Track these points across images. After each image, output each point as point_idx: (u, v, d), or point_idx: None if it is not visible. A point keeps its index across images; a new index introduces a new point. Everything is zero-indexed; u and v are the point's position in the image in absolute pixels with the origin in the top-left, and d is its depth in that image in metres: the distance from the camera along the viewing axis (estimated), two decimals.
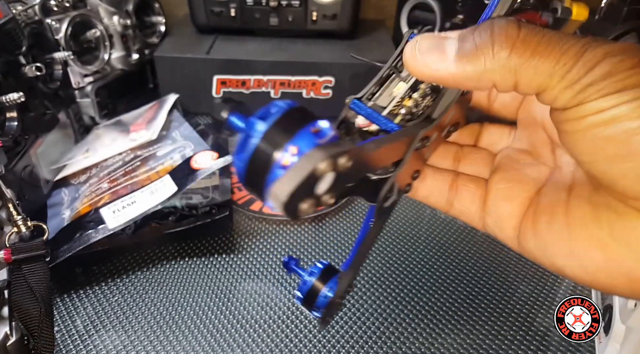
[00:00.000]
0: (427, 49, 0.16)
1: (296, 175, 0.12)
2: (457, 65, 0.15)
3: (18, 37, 0.39)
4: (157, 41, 0.64)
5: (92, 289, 0.37)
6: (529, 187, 0.20)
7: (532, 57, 0.14)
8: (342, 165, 0.13)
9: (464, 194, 0.22)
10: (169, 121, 0.51)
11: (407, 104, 0.19)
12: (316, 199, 0.13)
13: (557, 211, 0.18)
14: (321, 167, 0.13)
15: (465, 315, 0.35)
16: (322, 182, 0.13)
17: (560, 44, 0.14)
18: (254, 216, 0.44)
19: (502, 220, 0.20)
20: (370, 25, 0.72)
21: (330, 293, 0.22)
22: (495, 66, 0.15)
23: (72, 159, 0.47)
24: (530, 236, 0.19)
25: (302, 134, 0.14)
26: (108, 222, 0.36)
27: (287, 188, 0.12)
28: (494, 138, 0.23)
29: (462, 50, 0.15)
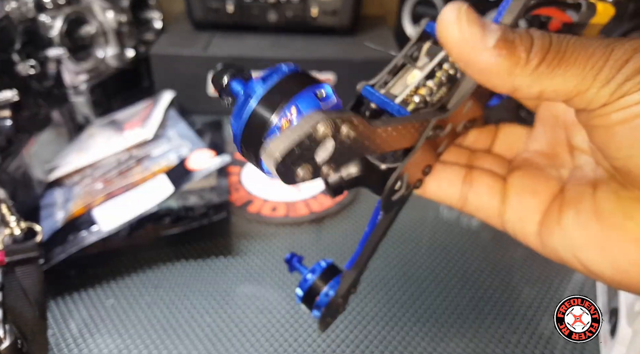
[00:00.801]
0: (473, 23, 0.15)
1: (293, 134, 0.12)
2: (491, 58, 0.15)
3: (11, 35, 0.38)
4: (152, 38, 0.63)
5: (87, 292, 0.36)
6: (552, 183, 0.20)
7: (560, 65, 0.14)
8: (344, 134, 0.13)
9: (481, 188, 0.21)
10: (165, 119, 0.50)
11: (421, 92, 0.18)
12: (315, 167, 0.13)
13: (584, 204, 0.18)
14: (321, 130, 0.12)
15: (468, 318, 0.34)
16: (322, 150, 0.13)
17: (584, 48, 0.14)
18: (252, 217, 0.44)
19: (526, 214, 0.19)
20: (371, 21, 0.72)
21: (331, 291, 0.21)
22: (524, 73, 0.15)
23: (65, 159, 0.46)
24: (556, 230, 0.18)
25: (303, 96, 0.13)
26: (102, 224, 0.36)
27: (282, 146, 0.12)
28: (511, 139, 0.23)
29: (501, 42, 0.15)
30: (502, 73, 0.15)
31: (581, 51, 0.14)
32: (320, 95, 0.14)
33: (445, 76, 0.19)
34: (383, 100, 0.18)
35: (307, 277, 0.22)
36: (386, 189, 0.17)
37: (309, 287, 0.22)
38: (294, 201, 0.46)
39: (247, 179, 0.49)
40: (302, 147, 0.12)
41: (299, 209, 0.45)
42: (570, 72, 0.14)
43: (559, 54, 0.14)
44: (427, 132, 0.17)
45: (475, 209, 0.21)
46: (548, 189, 0.20)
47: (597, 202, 0.17)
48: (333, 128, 0.12)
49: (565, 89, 0.15)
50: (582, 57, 0.14)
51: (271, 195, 0.46)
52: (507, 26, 0.15)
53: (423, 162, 0.19)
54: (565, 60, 0.14)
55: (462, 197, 0.21)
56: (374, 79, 0.19)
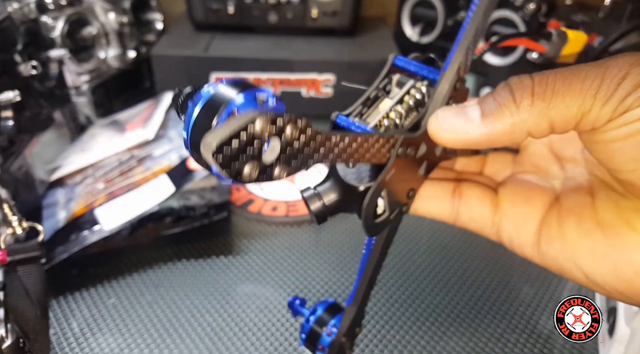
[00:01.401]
0: (451, 117, 0.17)
1: (228, 126, 0.12)
2: (485, 125, 0.16)
3: (13, 36, 0.38)
4: (154, 39, 0.63)
5: (88, 291, 0.36)
6: (546, 192, 0.20)
7: (556, 95, 0.15)
8: (288, 134, 0.13)
9: (471, 199, 0.21)
10: (166, 120, 0.50)
11: (391, 116, 0.19)
12: (263, 166, 0.13)
13: (584, 212, 0.18)
14: (258, 125, 0.12)
15: (467, 317, 0.35)
16: (270, 150, 0.13)
17: (575, 74, 0.15)
18: (253, 217, 0.44)
19: (521, 223, 0.19)
20: (370, 22, 0.72)
21: (334, 330, 0.20)
22: (523, 115, 0.15)
23: (67, 159, 0.46)
24: (556, 239, 0.18)
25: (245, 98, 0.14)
26: (104, 223, 0.36)
27: (218, 136, 0.12)
28: (497, 165, 0.23)
29: (485, 110, 0.16)
30: (506, 130, 0.16)
31: (573, 77, 0.15)
32: (260, 99, 0.14)
33: (413, 101, 0.19)
34: (355, 125, 0.18)
35: (309, 319, 0.22)
36: (363, 208, 0.17)
37: (310, 329, 0.21)
38: (294, 201, 0.46)
39: None
40: (242, 142, 0.12)
41: (299, 208, 0.45)
42: (568, 97, 0.15)
43: (549, 86, 0.15)
44: (397, 150, 0.17)
45: (468, 221, 0.21)
46: (542, 197, 0.19)
47: (597, 212, 0.17)
48: (271, 124, 0.13)
49: (571, 114, 0.15)
50: (575, 82, 0.15)
51: (272, 195, 0.47)
52: (484, 95, 0.16)
53: (405, 185, 0.19)
54: (558, 89, 0.15)
55: (454, 211, 0.21)
56: (348, 109, 0.19)
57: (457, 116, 0.17)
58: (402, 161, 0.18)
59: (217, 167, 0.12)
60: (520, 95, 0.15)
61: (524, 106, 0.15)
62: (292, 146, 0.13)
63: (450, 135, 0.17)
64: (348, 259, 0.40)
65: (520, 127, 0.15)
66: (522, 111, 0.15)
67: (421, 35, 0.65)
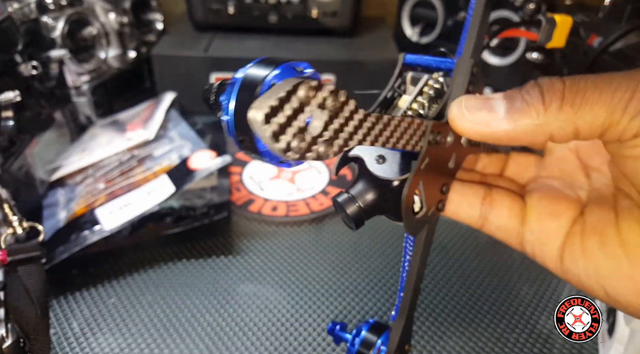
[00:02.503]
0: (475, 108, 0.16)
1: (273, 92, 0.12)
2: (510, 121, 0.16)
3: (14, 36, 0.38)
4: (154, 39, 0.63)
5: (89, 291, 0.36)
6: (573, 206, 0.19)
7: (585, 102, 0.15)
8: (330, 106, 0.13)
9: (501, 209, 0.20)
10: (167, 120, 0.50)
11: (413, 107, 0.18)
12: (310, 141, 0.12)
13: (608, 231, 0.17)
14: (301, 92, 0.12)
15: (467, 317, 0.35)
16: (313, 123, 0.12)
17: (607, 83, 0.15)
18: (253, 217, 0.44)
19: (546, 237, 0.19)
20: (370, 22, 0.72)
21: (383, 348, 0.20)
22: (550, 118, 0.15)
23: (68, 159, 0.46)
24: (579, 257, 0.18)
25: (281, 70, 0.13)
26: (104, 223, 0.36)
27: (265, 102, 0.11)
28: (521, 167, 0.23)
29: (512, 107, 0.16)
30: (529, 130, 0.15)
31: (604, 86, 0.15)
32: (299, 69, 0.14)
33: (433, 91, 0.19)
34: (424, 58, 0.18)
35: (352, 341, 0.21)
36: (403, 199, 0.16)
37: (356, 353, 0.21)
38: (294, 201, 0.46)
39: (248, 179, 0.49)
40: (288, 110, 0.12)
41: (300, 208, 0.45)
42: (597, 106, 0.15)
43: (579, 93, 0.15)
44: (427, 136, 0.17)
45: (495, 229, 0.20)
46: (568, 212, 0.19)
47: (621, 232, 0.17)
48: (314, 91, 0.12)
49: (597, 123, 0.15)
50: (606, 92, 0.15)
51: (272, 195, 0.47)
52: (511, 90, 0.16)
53: (438, 178, 0.18)
54: (588, 97, 0.15)
55: (482, 218, 0.20)
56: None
57: (482, 107, 0.16)
58: (434, 150, 0.17)
59: (269, 137, 0.12)
60: (550, 97, 0.15)
61: (552, 109, 0.15)
62: (336, 118, 0.13)
63: (470, 125, 0.16)
64: (348, 259, 0.40)
65: (544, 129, 0.15)
66: (549, 114, 0.15)
67: (421, 35, 0.65)
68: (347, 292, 0.37)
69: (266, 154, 0.13)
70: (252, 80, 0.14)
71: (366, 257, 0.40)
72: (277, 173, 0.50)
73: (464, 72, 0.17)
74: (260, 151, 0.14)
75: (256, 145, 0.14)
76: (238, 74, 0.14)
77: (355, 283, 0.37)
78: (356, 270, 0.39)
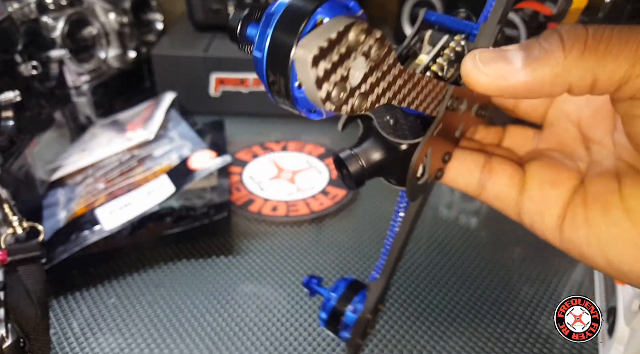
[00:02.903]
0: (490, 60, 0.15)
1: (322, 32, 0.10)
2: (527, 71, 0.15)
3: (14, 36, 0.38)
4: (154, 39, 0.64)
5: (89, 291, 0.36)
6: (572, 174, 0.19)
7: (609, 51, 0.14)
8: (374, 55, 0.11)
9: (500, 177, 0.20)
10: (167, 120, 0.50)
11: (433, 69, 0.18)
12: (349, 91, 0.11)
13: (611, 199, 0.17)
14: (351, 35, 0.11)
15: (467, 317, 0.35)
16: (354, 68, 0.11)
17: (633, 34, 0.14)
18: (253, 217, 0.44)
19: (546, 206, 0.19)
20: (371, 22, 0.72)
21: (359, 306, 0.19)
22: (570, 66, 0.14)
23: (68, 159, 0.46)
24: (581, 225, 0.18)
25: (328, 5, 0.12)
26: (104, 223, 0.36)
27: (316, 41, 0.10)
28: (518, 139, 0.22)
29: (530, 57, 0.15)
30: (547, 79, 0.15)
31: (630, 36, 0.14)
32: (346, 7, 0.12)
33: (453, 53, 0.18)
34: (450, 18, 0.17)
35: (330, 296, 0.20)
36: (412, 166, 0.16)
37: (333, 307, 0.20)
38: (294, 201, 0.46)
39: (248, 179, 0.49)
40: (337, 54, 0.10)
41: (300, 208, 0.45)
42: (621, 56, 0.14)
43: (604, 41, 0.14)
44: (446, 101, 0.16)
45: (492, 198, 0.20)
46: (569, 181, 0.19)
47: (624, 199, 0.17)
48: (366, 36, 0.11)
49: (618, 74, 0.14)
50: (632, 42, 0.14)
51: (272, 195, 0.47)
52: (528, 40, 0.15)
53: (442, 146, 0.18)
54: (614, 45, 0.14)
55: (480, 186, 0.20)
56: None
57: (497, 58, 0.15)
58: (448, 116, 0.17)
59: (312, 82, 0.10)
60: (571, 44, 0.14)
61: (572, 56, 0.14)
62: (376, 70, 0.12)
63: (486, 78, 0.15)
64: (348, 259, 0.40)
65: (563, 79, 0.15)
66: (569, 61, 0.14)
67: None
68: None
69: (300, 100, 0.12)
70: (295, 12, 0.12)
71: (366, 257, 0.40)
72: (277, 173, 0.50)
73: (489, 38, 0.17)
74: (294, 97, 0.12)
75: (290, 89, 0.12)
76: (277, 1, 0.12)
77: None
78: (356, 270, 0.39)
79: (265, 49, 0.12)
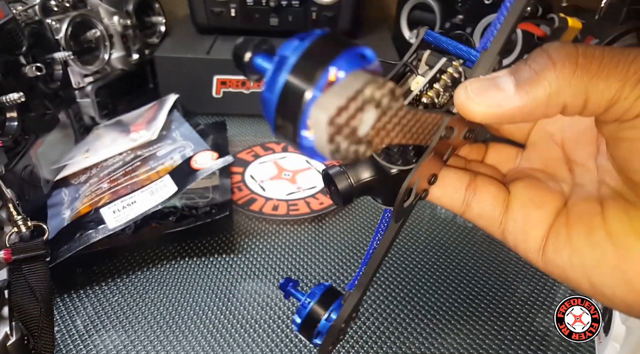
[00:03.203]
0: (482, 89, 0.15)
1: (340, 91, 0.10)
2: (521, 95, 0.15)
3: (18, 37, 0.39)
4: (157, 41, 0.64)
5: (92, 289, 0.37)
6: (556, 196, 0.19)
7: (600, 71, 0.14)
8: (385, 103, 0.11)
9: (484, 196, 0.20)
10: (169, 121, 0.51)
11: (429, 94, 0.18)
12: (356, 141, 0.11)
13: (594, 221, 0.17)
14: (369, 90, 0.11)
15: (465, 315, 0.35)
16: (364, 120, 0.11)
17: (624, 55, 0.14)
18: (254, 216, 0.44)
19: (529, 228, 0.19)
20: (370, 25, 0.72)
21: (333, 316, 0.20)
22: (562, 86, 0.14)
23: (72, 159, 0.47)
24: (564, 247, 0.17)
25: (345, 56, 0.11)
26: (108, 222, 0.36)
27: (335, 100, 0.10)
28: (501, 156, 0.22)
29: (521, 80, 0.15)
30: (542, 101, 0.14)
31: (621, 57, 0.14)
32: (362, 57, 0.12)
33: (450, 79, 0.18)
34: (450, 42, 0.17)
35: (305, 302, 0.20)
36: (401, 192, 0.16)
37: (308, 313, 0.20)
38: (295, 200, 0.46)
39: (249, 178, 0.49)
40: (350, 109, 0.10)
41: (300, 207, 0.45)
42: (612, 76, 0.14)
43: (595, 60, 0.14)
44: (440, 132, 0.16)
45: (476, 216, 0.20)
46: (553, 202, 0.19)
47: (607, 222, 0.17)
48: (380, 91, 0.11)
49: (608, 95, 0.14)
50: (622, 63, 0.14)
51: (273, 194, 0.47)
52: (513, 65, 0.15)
53: (430, 169, 0.18)
54: (605, 64, 0.14)
55: (465, 203, 0.20)
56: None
57: (489, 87, 0.15)
58: (440, 143, 0.17)
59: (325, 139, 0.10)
60: (562, 62, 0.14)
61: (565, 75, 0.14)
62: (385, 116, 0.12)
63: (481, 108, 0.15)
64: (348, 258, 0.40)
65: (557, 99, 0.14)
66: (561, 80, 0.14)
67: None
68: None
69: (305, 147, 0.11)
70: (313, 61, 0.11)
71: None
72: (277, 173, 0.51)
73: (487, 67, 0.17)
74: (300, 143, 0.12)
75: (297, 135, 0.12)
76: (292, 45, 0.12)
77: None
78: (355, 268, 0.39)
79: (277, 93, 0.12)
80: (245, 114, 0.62)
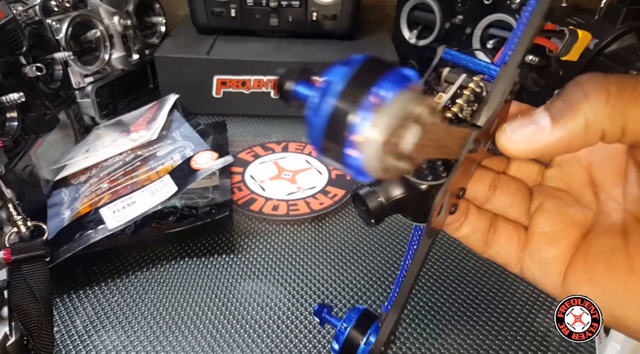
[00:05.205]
0: (521, 128, 0.16)
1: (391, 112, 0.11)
2: (559, 127, 0.15)
3: (19, 38, 0.39)
4: (157, 41, 0.64)
5: (92, 289, 0.37)
6: (575, 230, 0.19)
7: (635, 98, 0.14)
8: (428, 119, 0.12)
9: (501, 235, 0.20)
10: (169, 121, 0.51)
11: (454, 110, 0.18)
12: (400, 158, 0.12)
13: (616, 256, 0.17)
14: (414, 109, 0.11)
15: (465, 315, 0.35)
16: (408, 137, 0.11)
17: None
18: (254, 216, 0.44)
19: (547, 264, 0.19)
20: (370, 25, 0.73)
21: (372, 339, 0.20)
22: (597, 115, 0.14)
23: (72, 159, 0.47)
24: (584, 282, 0.18)
25: (388, 78, 0.12)
26: (108, 222, 0.36)
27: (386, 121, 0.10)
28: (523, 172, 0.22)
29: (557, 114, 0.15)
30: (580, 132, 0.15)
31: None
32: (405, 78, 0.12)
33: (473, 93, 0.18)
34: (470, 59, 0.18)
35: (342, 328, 0.20)
36: (434, 208, 0.16)
37: (346, 339, 0.20)
38: (295, 200, 0.46)
39: (249, 178, 0.49)
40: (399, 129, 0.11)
41: (300, 207, 0.45)
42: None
43: (628, 87, 0.14)
44: (469, 145, 0.16)
45: (495, 253, 0.20)
46: (571, 237, 0.19)
47: (630, 256, 0.16)
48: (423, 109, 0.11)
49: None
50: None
51: (273, 194, 0.47)
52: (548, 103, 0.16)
53: (459, 183, 0.18)
54: (639, 92, 0.14)
55: (486, 243, 0.20)
56: None
57: (526, 124, 0.16)
58: (467, 157, 0.17)
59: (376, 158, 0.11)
60: (594, 93, 0.14)
61: (599, 104, 0.14)
62: (427, 133, 0.12)
63: (521, 146, 0.16)
64: (348, 257, 0.40)
65: (595, 127, 0.14)
66: (596, 109, 0.14)
67: (418, 38, 0.66)
68: (347, 290, 0.37)
69: (352, 166, 0.12)
70: (359, 84, 0.12)
71: (365, 256, 0.40)
72: (277, 173, 0.51)
73: (507, 81, 0.17)
74: (347, 163, 0.12)
75: (343, 156, 0.12)
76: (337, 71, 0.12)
77: (355, 280, 0.38)
78: (355, 268, 0.39)
79: (324, 118, 0.12)
80: (245, 114, 0.62)
